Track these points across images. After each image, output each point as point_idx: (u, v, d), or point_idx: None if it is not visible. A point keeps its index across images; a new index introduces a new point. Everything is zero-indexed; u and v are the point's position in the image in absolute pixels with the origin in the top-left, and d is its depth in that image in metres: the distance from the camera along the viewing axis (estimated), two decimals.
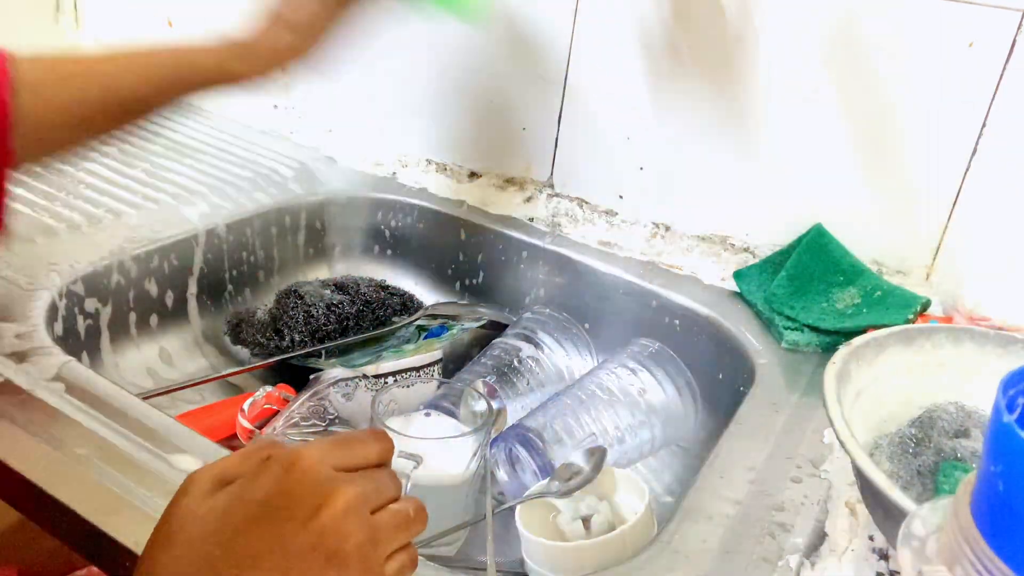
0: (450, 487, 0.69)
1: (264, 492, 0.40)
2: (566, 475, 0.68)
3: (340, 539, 0.39)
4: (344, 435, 0.44)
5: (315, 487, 0.40)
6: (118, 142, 1.07)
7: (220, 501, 0.40)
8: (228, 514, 0.39)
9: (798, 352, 0.82)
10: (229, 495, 0.40)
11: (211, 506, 0.40)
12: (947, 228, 0.84)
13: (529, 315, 0.90)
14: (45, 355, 0.69)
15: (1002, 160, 0.80)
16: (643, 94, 0.94)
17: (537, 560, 0.64)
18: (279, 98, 1.21)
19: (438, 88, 1.08)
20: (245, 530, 0.39)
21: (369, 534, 0.40)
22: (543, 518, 0.68)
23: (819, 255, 0.87)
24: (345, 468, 0.42)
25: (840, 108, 0.85)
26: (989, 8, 0.76)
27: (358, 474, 0.42)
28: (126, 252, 0.85)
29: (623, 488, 0.69)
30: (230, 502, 0.40)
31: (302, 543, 0.39)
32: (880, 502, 0.50)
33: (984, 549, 0.32)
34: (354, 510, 0.40)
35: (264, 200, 0.99)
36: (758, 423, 0.72)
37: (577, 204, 1.02)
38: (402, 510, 0.43)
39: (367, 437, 0.44)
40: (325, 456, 0.41)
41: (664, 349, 0.80)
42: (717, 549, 0.58)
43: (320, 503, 0.39)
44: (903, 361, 0.63)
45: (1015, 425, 0.31)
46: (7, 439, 0.60)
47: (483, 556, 0.70)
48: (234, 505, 0.40)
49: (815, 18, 0.83)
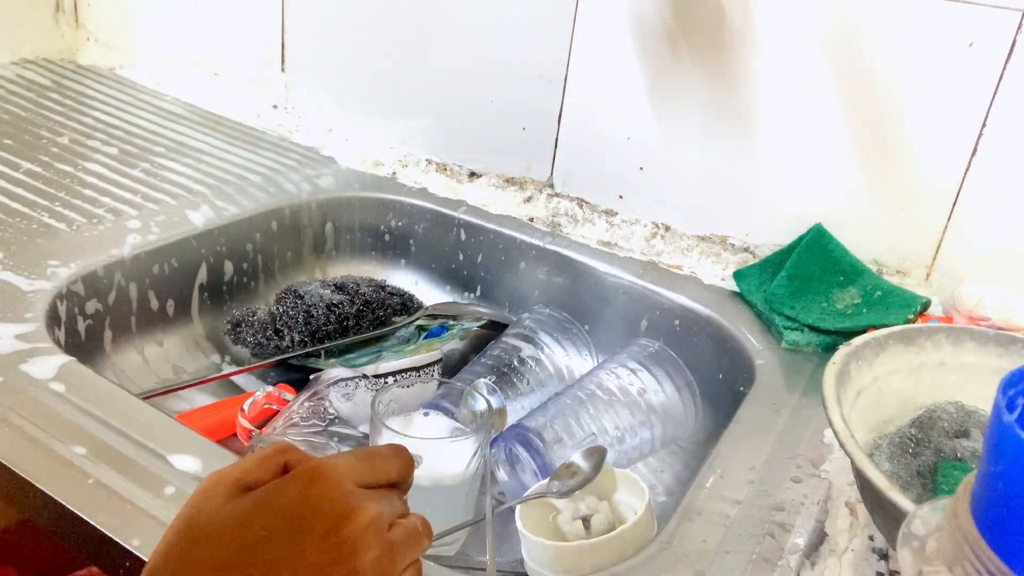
0: (450, 487, 0.69)
1: (287, 502, 0.40)
2: (566, 475, 0.68)
3: (359, 555, 0.40)
4: (367, 451, 0.45)
5: (337, 502, 0.40)
6: (118, 142, 1.07)
7: (241, 507, 0.40)
8: (249, 521, 0.39)
9: (798, 352, 0.82)
10: (252, 501, 0.40)
11: (232, 510, 0.40)
12: (947, 228, 0.84)
13: (529, 315, 0.90)
14: (45, 355, 0.69)
15: (1002, 160, 0.80)
16: (643, 94, 0.94)
17: (537, 560, 0.64)
18: (279, 98, 1.21)
19: (438, 88, 1.08)
20: (266, 538, 0.39)
21: (386, 549, 0.41)
22: (543, 518, 0.68)
23: (819, 255, 0.87)
24: (366, 485, 0.43)
25: (840, 108, 0.85)
26: (989, 8, 0.76)
27: (376, 492, 0.43)
28: (126, 252, 0.85)
29: (623, 488, 0.69)
30: (252, 509, 0.40)
31: (322, 557, 0.39)
32: (880, 503, 0.50)
33: (984, 549, 0.32)
34: (374, 527, 0.41)
35: (264, 200, 0.99)
36: (758, 423, 0.72)
37: (577, 204, 1.02)
38: (412, 525, 0.43)
39: (390, 454, 0.45)
40: (348, 471, 0.42)
41: (664, 349, 0.80)
42: (717, 549, 0.58)
43: (342, 518, 0.40)
44: (903, 361, 0.63)
45: (1015, 425, 0.31)
46: (7, 439, 0.60)
47: (483, 556, 0.70)
48: (256, 512, 0.40)
49: (815, 18, 0.83)
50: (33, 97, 1.18)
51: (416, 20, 1.06)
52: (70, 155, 1.03)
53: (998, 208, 0.81)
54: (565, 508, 0.67)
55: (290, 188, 1.03)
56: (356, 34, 1.12)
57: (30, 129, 1.08)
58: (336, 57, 1.15)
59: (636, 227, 0.99)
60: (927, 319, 0.81)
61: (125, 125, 1.13)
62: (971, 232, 0.83)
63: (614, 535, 0.61)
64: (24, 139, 1.05)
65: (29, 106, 1.15)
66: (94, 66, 1.32)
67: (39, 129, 1.09)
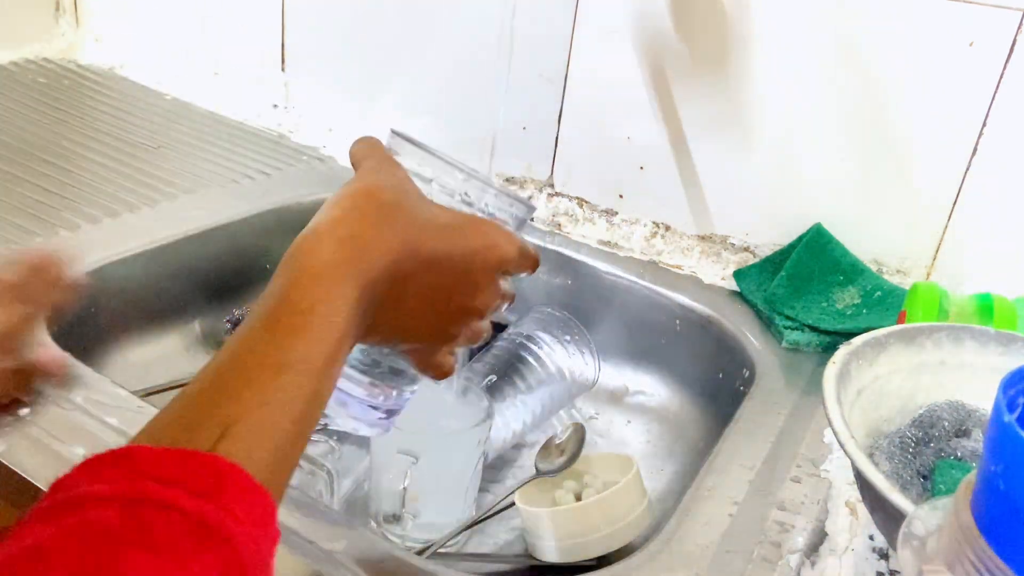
0: (450, 485, 0.69)
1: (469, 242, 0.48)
2: (555, 454, 0.73)
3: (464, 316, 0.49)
4: (524, 248, 0.51)
5: (490, 276, 0.49)
6: (118, 141, 1.07)
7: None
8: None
9: (798, 352, 0.82)
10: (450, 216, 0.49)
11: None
12: (947, 228, 0.84)
13: (529, 314, 0.90)
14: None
15: (1002, 160, 0.80)
16: (643, 94, 0.94)
17: (535, 532, 0.67)
18: (279, 98, 1.21)
19: (438, 88, 1.08)
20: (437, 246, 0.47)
21: (476, 331, 0.51)
22: (540, 500, 0.71)
23: (819, 255, 0.87)
24: (507, 272, 0.50)
25: (840, 108, 0.85)
26: (989, 8, 0.76)
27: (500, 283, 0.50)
28: (126, 252, 0.85)
29: (614, 468, 0.73)
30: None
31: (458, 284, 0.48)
32: (879, 503, 0.50)
33: (985, 549, 0.32)
34: (485, 310, 0.50)
35: (264, 200, 0.99)
36: (758, 423, 0.72)
37: (577, 204, 1.02)
38: (485, 331, 0.52)
39: (533, 259, 0.52)
40: (507, 260, 0.49)
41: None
42: (717, 549, 0.58)
43: (478, 289, 0.49)
44: (903, 361, 0.63)
45: (1015, 425, 0.31)
46: (7, 439, 0.60)
47: (484, 549, 0.71)
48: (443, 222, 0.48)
49: (815, 18, 0.83)
50: (33, 97, 1.18)
51: (416, 20, 1.06)
52: (70, 155, 1.03)
53: (998, 208, 0.81)
54: (560, 489, 0.72)
55: (290, 188, 1.03)
56: (356, 34, 1.12)
57: (30, 129, 1.08)
58: (336, 57, 1.15)
59: (636, 227, 0.99)
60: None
61: (125, 125, 1.13)
62: (971, 232, 0.83)
63: (606, 495, 0.66)
64: (24, 139, 1.05)
65: (29, 106, 1.15)
66: (94, 66, 1.32)
67: (39, 129, 1.08)
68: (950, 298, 0.77)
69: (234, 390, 0.38)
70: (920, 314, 0.75)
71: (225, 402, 0.37)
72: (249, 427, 0.36)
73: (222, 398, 0.37)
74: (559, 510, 0.68)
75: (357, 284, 0.42)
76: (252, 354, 0.39)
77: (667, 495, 0.81)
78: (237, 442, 0.36)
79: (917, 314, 0.75)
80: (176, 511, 0.32)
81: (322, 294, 0.41)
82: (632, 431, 0.89)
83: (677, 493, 0.81)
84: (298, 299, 0.41)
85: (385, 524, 0.70)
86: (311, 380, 0.40)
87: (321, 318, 0.41)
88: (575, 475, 0.73)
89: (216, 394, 0.38)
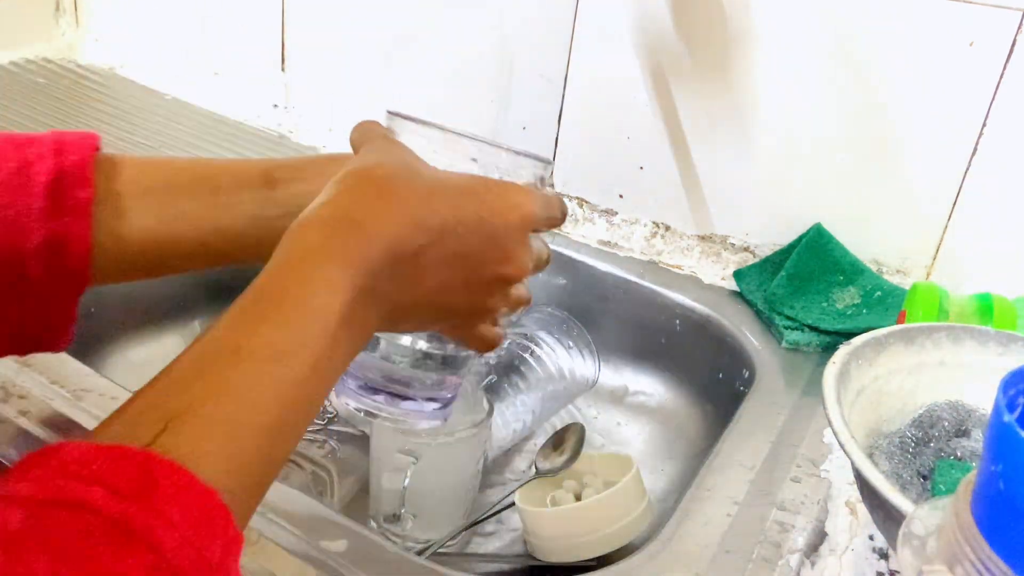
0: (450, 485, 0.69)
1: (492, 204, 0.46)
2: (555, 454, 0.73)
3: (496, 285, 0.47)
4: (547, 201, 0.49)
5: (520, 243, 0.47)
6: (118, 142, 1.07)
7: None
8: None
9: (798, 352, 0.82)
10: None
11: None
12: (947, 228, 0.84)
13: (529, 314, 0.90)
14: (45, 355, 0.69)
15: (1002, 160, 0.80)
16: (643, 94, 0.94)
17: (535, 533, 0.67)
18: (279, 98, 1.21)
19: (438, 87, 1.08)
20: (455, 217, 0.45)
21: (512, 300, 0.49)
22: (540, 500, 0.72)
23: (819, 255, 0.87)
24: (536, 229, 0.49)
25: (840, 108, 0.85)
26: (989, 8, 0.76)
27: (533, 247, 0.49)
28: None
29: (614, 468, 0.73)
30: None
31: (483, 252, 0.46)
32: (879, 503, 0.50)
33: (985, 549, 0.32)
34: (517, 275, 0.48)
35: None
36: (758, 423, 0.72)
37: (577, 204, 1.02)
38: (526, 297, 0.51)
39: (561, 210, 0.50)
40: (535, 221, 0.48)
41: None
42: (717, 549, 0.58)
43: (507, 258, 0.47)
44: (903, 361, 0.63)
45: (1015, 425, 0.31)
46: (7, 440, 0.60)
47: (483, 550, 0.71)
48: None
49: (815, 18, 0.83)
50: (33, 97, 1.18)
51: (416, 20, 1.06)
52: None
53: (998, 208, 0.81)
54: (560, 490, 0.72)
55: None
56: (356, 33, 1.12)
57: (30, 128, 1.08)
58: (336, 57, 1.15)
59: (636, 227, 0.99)
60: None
61: (125, 125, 1.13)
62: (971, 232, 0.83)
63: (605, 495, 0.66)
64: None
65: (29, 106, 1.15)
66: (94, 66, 1.32)
67: (39, 129, 1.08)
68: (950, 298, 0.77)
69: (183, 381, 0.35)
70: (920, 314, 0.75)
71: (173, 393, 0.34)
72: (198, 421, 0.33)
73: (170, 390, 0.35)
74: (559, 510, 0.68)
75: (348, 265, 0.40)
76: (210, 342, 0.37)
77: (667, 495, 0.81)
78: (179, 437, 0.32)
79: (917, 314, 0.75)
80: (89, 512, 0.29)
81: (298, 278, 0.39)
82: (632, 431, 0.89)
83: (677, 493, 0.81)
84: (270, 286, 0.39)
85: (385, 524, 0.70)
86: (284, 369, 0.36)
87: (295, 302, 0.38)
88: (575, 475, 0.73)
89: (166, 386, 0.35)
